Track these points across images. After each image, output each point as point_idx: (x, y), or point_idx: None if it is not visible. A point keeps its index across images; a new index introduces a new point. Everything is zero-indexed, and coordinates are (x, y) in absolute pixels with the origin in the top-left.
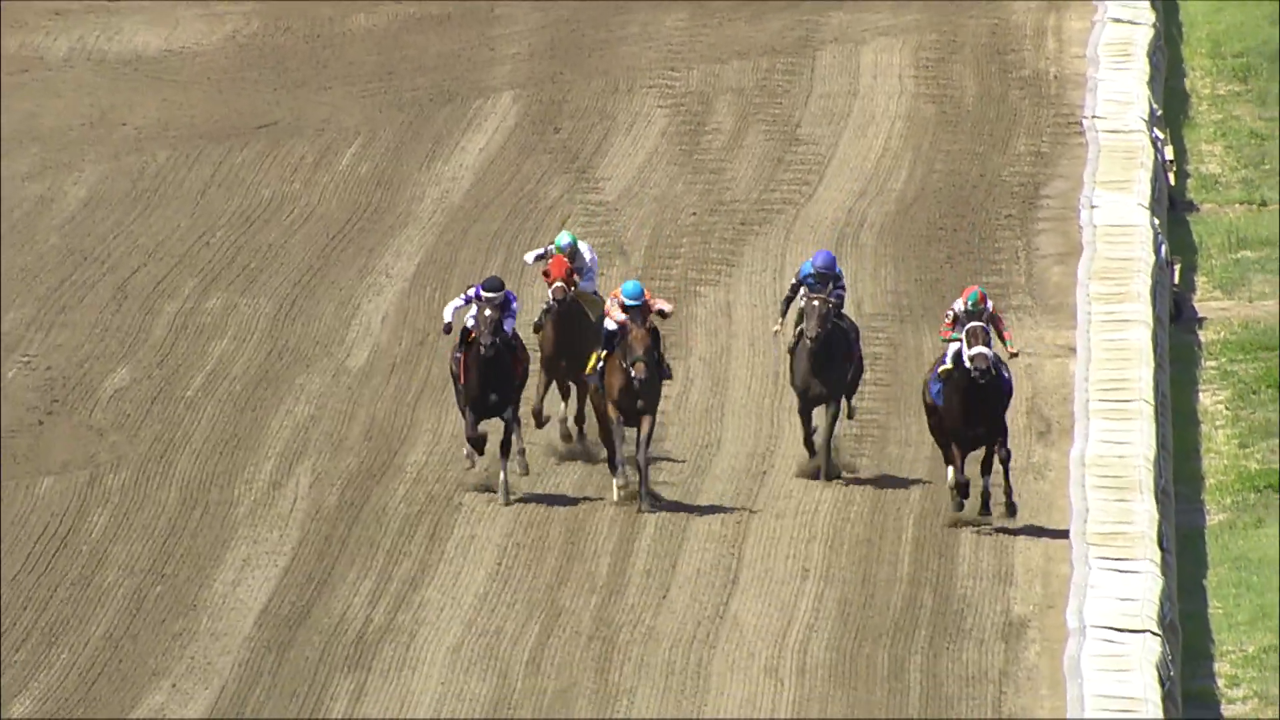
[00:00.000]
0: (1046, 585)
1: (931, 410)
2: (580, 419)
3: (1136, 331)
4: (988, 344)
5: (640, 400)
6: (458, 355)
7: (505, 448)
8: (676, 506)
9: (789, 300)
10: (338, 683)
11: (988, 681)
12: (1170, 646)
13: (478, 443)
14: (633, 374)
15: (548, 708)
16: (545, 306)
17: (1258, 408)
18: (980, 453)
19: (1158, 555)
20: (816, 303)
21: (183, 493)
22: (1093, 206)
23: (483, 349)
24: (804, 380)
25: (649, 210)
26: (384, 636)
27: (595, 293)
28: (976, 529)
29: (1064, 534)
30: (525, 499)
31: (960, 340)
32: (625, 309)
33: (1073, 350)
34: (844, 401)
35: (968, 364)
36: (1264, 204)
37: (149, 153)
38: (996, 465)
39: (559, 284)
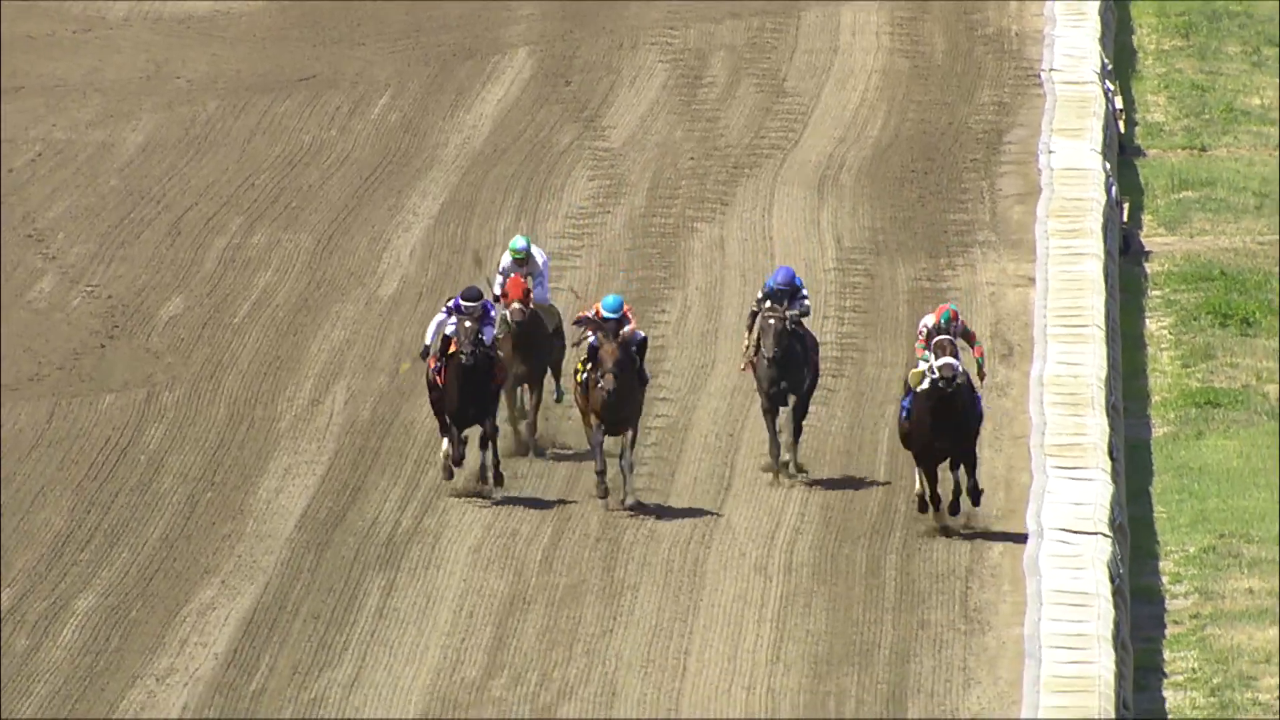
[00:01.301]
0: (1009, 492)
1: (901, 425)
2: (532, 427)
3: (1089, 264)
4: (955, 356)
5: (620, 411)
6: (438, 366)
7: (485, 440)
8: (676, 423)
9: (754, 315)
10: (370, 579)
11: (955, 578)
12: (1119, 547)
13: (458, 453)
14: (601, 385)
15: (559, 601)
16: (503, 319)
17: (1198, 332)
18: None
19: (1108, 464)
20: (773, 320)
21: (230, 409)
22: (1050, 151)
23: (463, 358)
24: (768, 381)
25: (651, 155)
26: (411, 538)
27: (550, 304)
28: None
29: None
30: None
31: (930, 356)
32: (602, 320)
33: (1032, 281)
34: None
35: (935, 374)
36: (1204, 149)
37: (200, 103)
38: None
39: (517, 305)
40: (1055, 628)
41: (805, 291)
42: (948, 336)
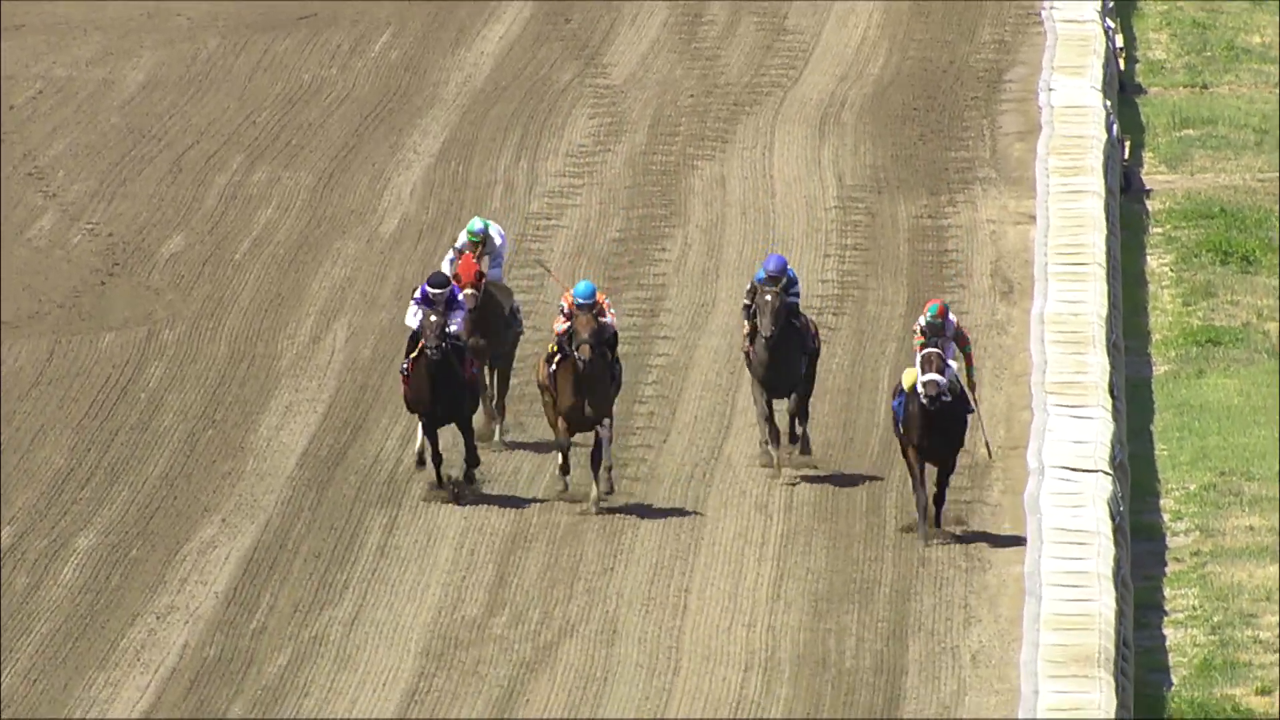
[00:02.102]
0: (1009, 429)
1: (896, 424)
2: (502, 409)
3: (1090, 201)
4: (941, 371)
5: (589, 405)
6: (405, 364)
7: (459, 480)
8: (677, 361)
9: (748, 306)
10: (372, 517)
11: (957, 512)
12: (1120, 484)
13: (435, 455)
14: (577, 355)
15: (560, 539)
16: None
17: (1199, 270)
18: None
19: (1109, 402)
20: (769, 298)
21: (231, 347)
22: (1050, 89)
23: (430, 353)
24: (764, 371)
25: (651, 93)
26: (413, 475)
27: (503, 283)
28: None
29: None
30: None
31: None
32: (576, 308)
33: (1032, 218)
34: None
35: (919, 389)
36: (1205, 87)
37: (201, 41)
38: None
39: (470, 291)
40: (1056, 565)
41: (797, 284)
42: (936, 350)
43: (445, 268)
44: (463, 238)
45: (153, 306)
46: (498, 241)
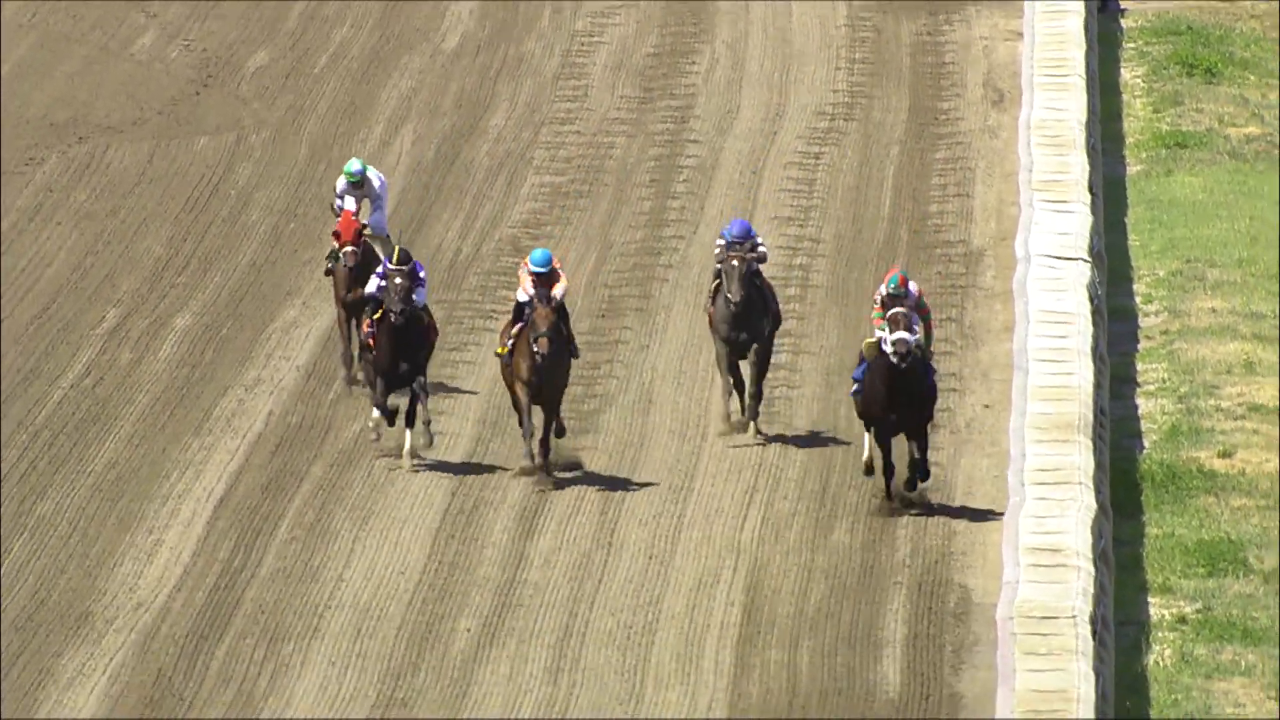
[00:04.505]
0: (1000, 222)
1: (855, 397)
2: (351, 360)
3: (1071, 20)
4: (910, 330)
5: (546, 382)
6: (370, 328)
7: (410, 418)
8: (705, 162)
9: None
10: (436, 299)
11: (953, 296)
12: (1098, 271)
13: (387, 413)
14: (536, 349)
15: (601, 316)
16: (334, 253)
17: (1167, 81)
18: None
19: (1088, 198)
20: (736, 262)
21: (311, 149)
22: None
23: (393, 316)
24: (729, 331)
25: None
26: (470, 263)
27: (386, 234)
28: (941, 174)
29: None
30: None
31: (885, 329)
32: (533, 276)
33: (1020, 35)
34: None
35: (888, 349)
36: None
37: None
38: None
39: (350, 249)
40: (1041, 343)
41: (761, 242)
42: (902, 310)
43: (338, 204)
44: (342, 181)
45: (241, 114)
46: (376, 184)
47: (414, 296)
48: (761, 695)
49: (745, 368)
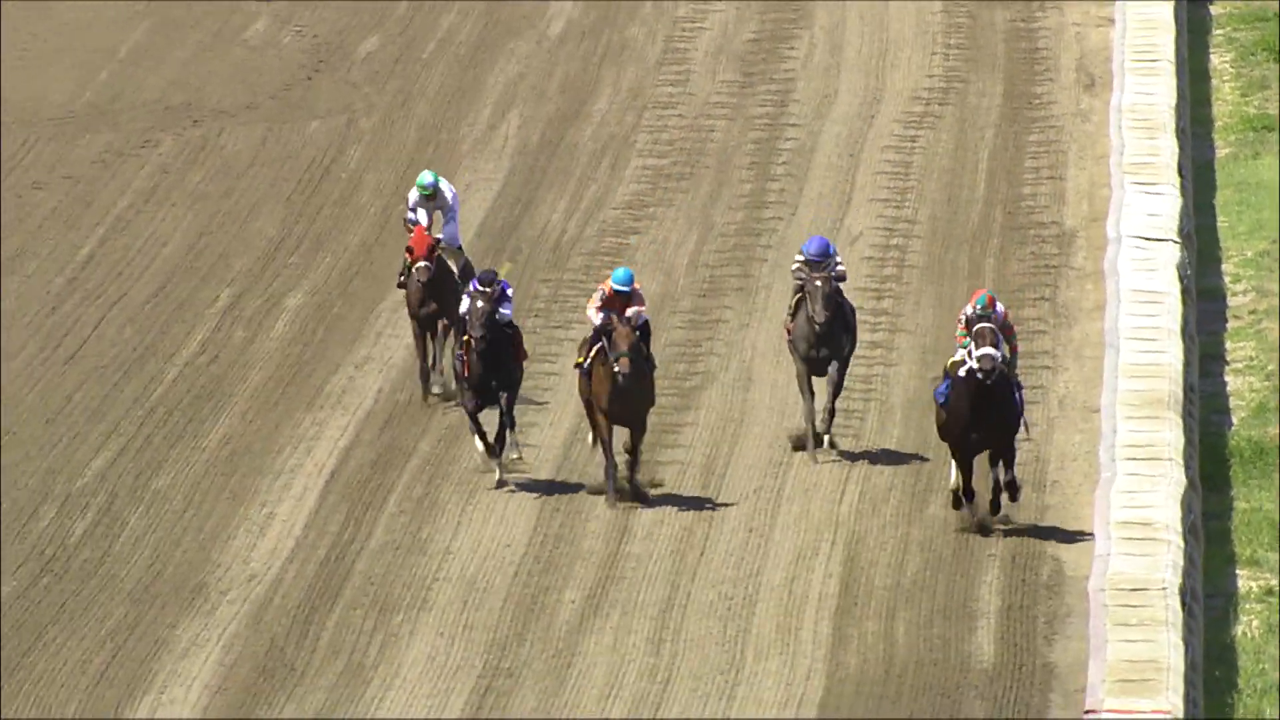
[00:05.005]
0: (1091, 204)
1: (938, 412)
2: (442, 370)
3: (1162, 7)
4: (996, 346)
5: (628, 404)
6: (459, 351)
7: (500, 441)
8: (804, 145)
9: (799, 287)
10: (541, 278)
11: (1045, 276)
12: (1187, 252)
13: (480, 431)
14: (616, 368)
15: (702, 295)
16: (407, 267)
17: (1255, 66)
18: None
19: (1178, 181)
20: (819, 282)
21: (419, 133)
22: None
23: (474, 341)
24: (808, 349)
25: None
26: (575, 244)
27: (459, 246)
28: (1034, 156)
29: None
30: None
31: (970, 346)
32: (614, 294)
33: (1112, 21)
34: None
35: (974, 364)
36: None
37: None
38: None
39: (423, 264)
40: (1132, 322)
41: (839, 259)
42: (989, 325)
43: (411, 217)
44: (414, 194)
45: (352, 98)
46: (449, 195)
47: (497, 316)
48: (859, 665)
49: (820, 384)
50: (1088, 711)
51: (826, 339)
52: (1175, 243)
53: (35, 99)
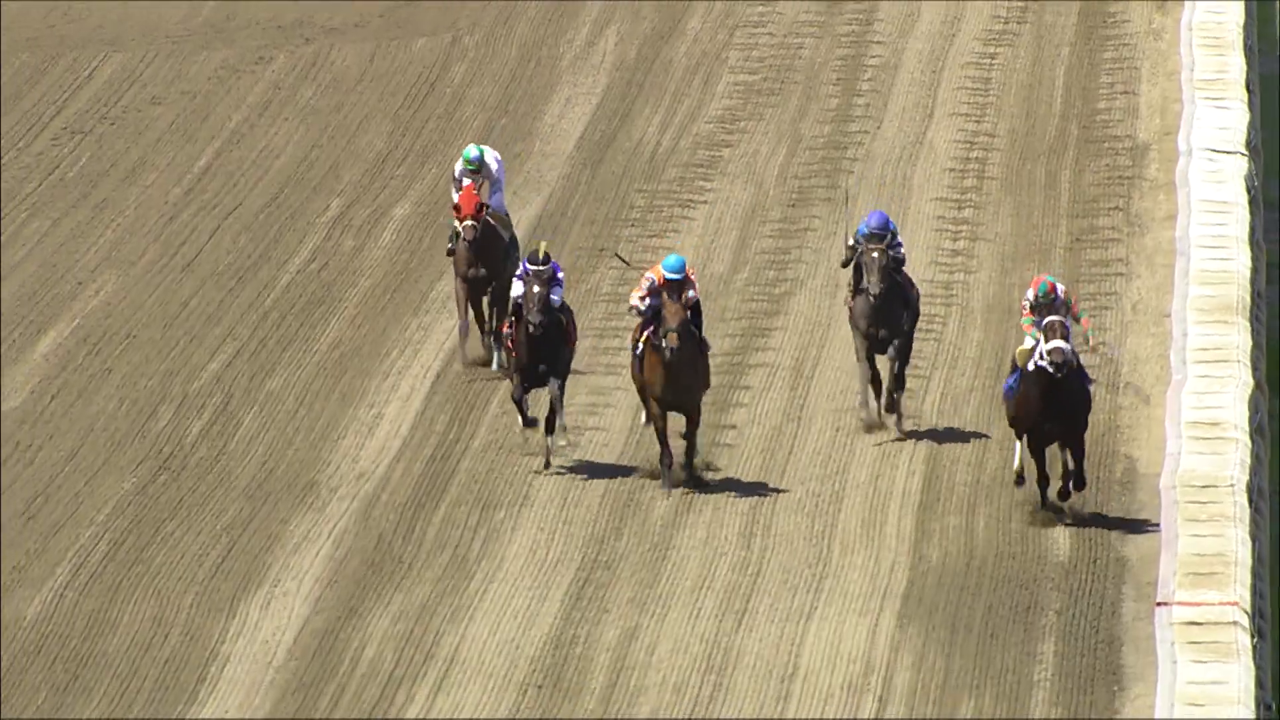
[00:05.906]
0: (1164, 118)
1: (1007, 404)
2: (498, 337)
3: None
4: (1066, 339)
5: (682, 380)
6: (509, 329)
7: (550, 424)
8: (887, 62)
9: (848, 262)
10: (637, 189)
11: (1119, 187)
12: (1254, 164)
13: (526, 413)
14: (665, 344)
15: (791, 205)
16: (455, 233)
17: None
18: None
19: (1245, 96)
20: (876, 254)
21: (521, 50)
22: None
23: (530, 327)
24: (868, 324)
25: None
26: (670, 156)
27: (506, 214)
28: (1109, 73)
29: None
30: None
31: (1039, 337)
32: (665, 282)
33: None
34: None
35: (1044, 359)
36: None
37: None
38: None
39: (469, 223)
40: (1201, 230)
41: (900, 239)
42: (1059, 318)
43: (455, 197)
44: (459, 166)
45: (456, 16)
46: (494, 167)
47: (552, 300)
48: (940, 558)
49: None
50: (1159, 603)
51: (886, 317)
52: (1243, 155)
53: (155, 17)
